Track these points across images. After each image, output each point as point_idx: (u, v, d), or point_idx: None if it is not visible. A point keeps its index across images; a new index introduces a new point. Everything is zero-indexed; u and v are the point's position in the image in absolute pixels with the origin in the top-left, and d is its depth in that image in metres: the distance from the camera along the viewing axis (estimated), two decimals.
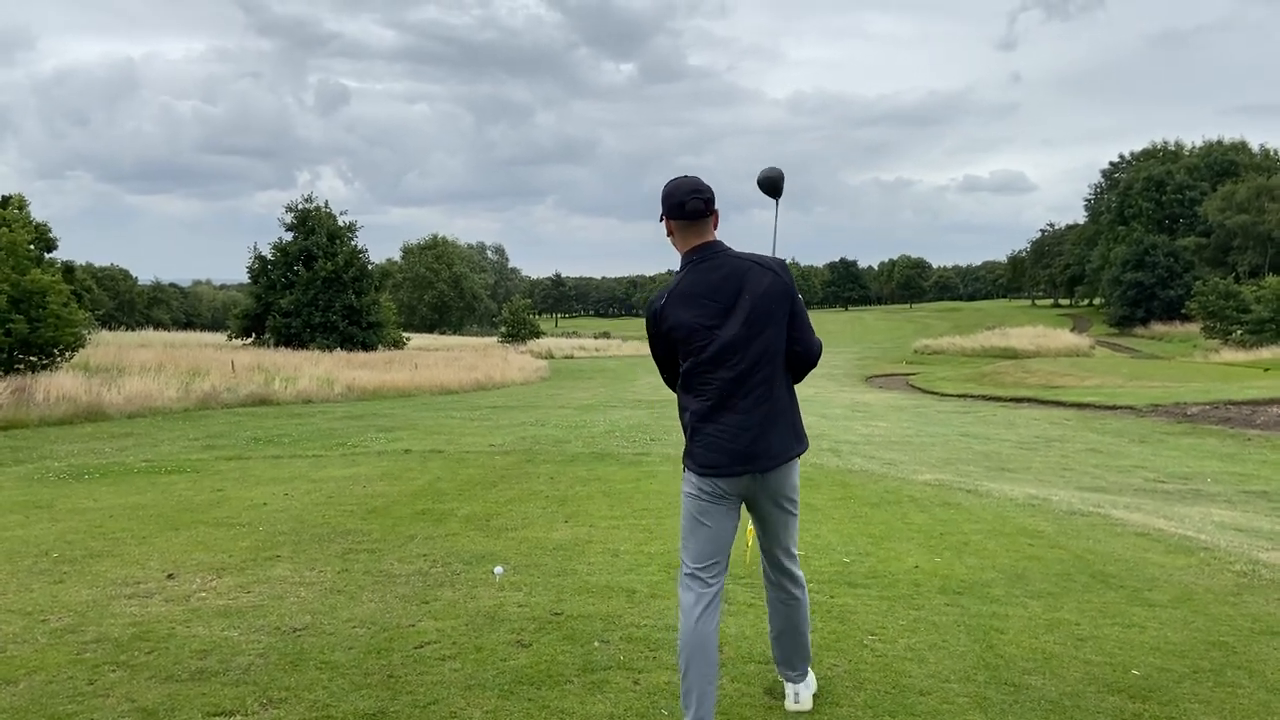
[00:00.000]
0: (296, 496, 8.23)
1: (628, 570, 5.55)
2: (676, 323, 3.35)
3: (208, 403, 20.78)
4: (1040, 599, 4.99)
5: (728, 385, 3.32)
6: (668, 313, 3.37)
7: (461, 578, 5.42)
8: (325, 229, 45.98)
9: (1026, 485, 9.35)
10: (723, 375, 3.32)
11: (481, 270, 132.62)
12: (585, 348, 64.56)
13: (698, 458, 3.37)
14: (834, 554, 5.94)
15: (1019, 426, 16.95)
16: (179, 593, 5.20)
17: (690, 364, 3.36)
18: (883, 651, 4.17)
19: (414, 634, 4.44)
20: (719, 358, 3.31)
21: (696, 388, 3.37)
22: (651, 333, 3.46)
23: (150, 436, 14.80)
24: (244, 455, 11.74)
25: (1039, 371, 32.12)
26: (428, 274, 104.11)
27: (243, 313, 47.02)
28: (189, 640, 4.38)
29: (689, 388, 3.40)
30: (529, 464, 10.28)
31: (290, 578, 5.48)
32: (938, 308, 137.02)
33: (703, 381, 3.35)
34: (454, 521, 7.04)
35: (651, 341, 3.49)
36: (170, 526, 7.00)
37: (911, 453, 12.44)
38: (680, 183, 3.40)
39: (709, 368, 3.33)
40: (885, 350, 61.10)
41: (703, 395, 3.36)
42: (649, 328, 3.47)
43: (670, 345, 3.42)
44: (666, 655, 4.12)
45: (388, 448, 12.36)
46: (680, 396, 3.47)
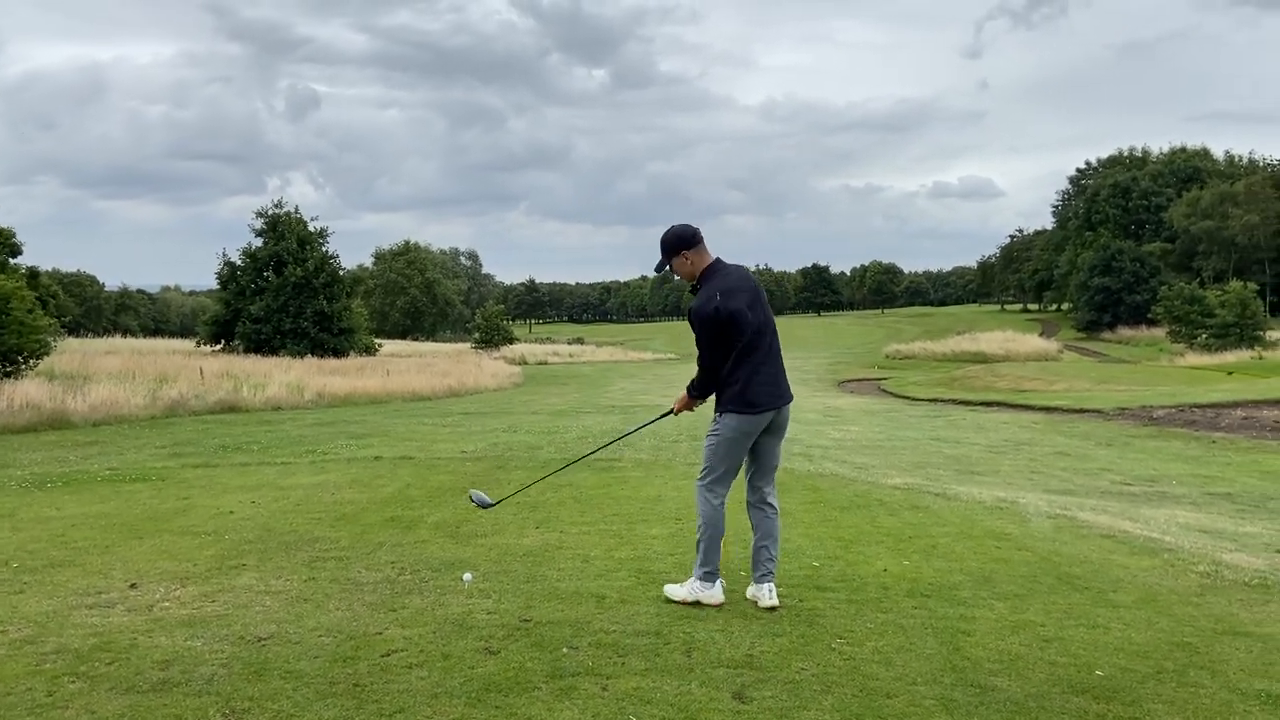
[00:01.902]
0: (264, 504, 8.14)
1: (598, 576, 5.53)
2: (735, 310, 4.74)
3: (175, 410, 20.53)
4: (1007, 601, 5.02)
5: (762, 353, 4.85)
6: (729, 305, 4.73)
7: (430, 585, 5.39)
8: (295, 235, 45.57)
9: (995, 488, 9.43)
10: (760, 345, 4.84)
11: (455, 276, 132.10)
12: (559, 353, 64.45)
13: (756, 401, 4.81)
14: (804, 558, 5.96)
15: (988, 430, 17.09)
16: (142, 602, 5.12)
17: (747, 342, 4.78)
18: (851, 655, 4.18)
19: (381, 642, 4.40)
20: (758, 333, 4.83)
21: (744, 359, 4.80)
22: (715, 322, 4.73)
23: (115, 444, 14.59)
24: (211, 463, 11.61)
25: (1008, 376, 32.42)
26: (400, 280, 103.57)
27: (212, 319, 46.47)
28: (151, 651, 4.32)
29: (741, 360, 4.79)
30: (500, 470, 10.23)
31: (255, 586, 5.41)
32: (909, 313, 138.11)
33: (749, 353, 4.80)
34: (423, 528, 6.99)
35: (713, 332, 4.75)
36: (134, 535, 6.90)
37: (882, 456, 12.51)
38: (682, 227, 4.92)
39: (755, 340, 4.81)
40: (857, 355, 61.45)
41: (751, 361, 4.81)
42: (711, 321, 4.73)
43: (728, 329, 4.74)
44: (635, 661, 4.11)
45: (358, 454, 12.26)
46: (727, 367, 4.80)
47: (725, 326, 4.74)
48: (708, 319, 4.76)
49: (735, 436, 4.85)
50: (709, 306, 4.74)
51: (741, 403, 4.80)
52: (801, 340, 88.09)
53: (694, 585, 4.95)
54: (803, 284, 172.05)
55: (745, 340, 4.78)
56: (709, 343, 4.81)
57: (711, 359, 4.83)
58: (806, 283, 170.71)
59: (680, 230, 4.92)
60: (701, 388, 5.01)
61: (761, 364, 4.84)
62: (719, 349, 4.80)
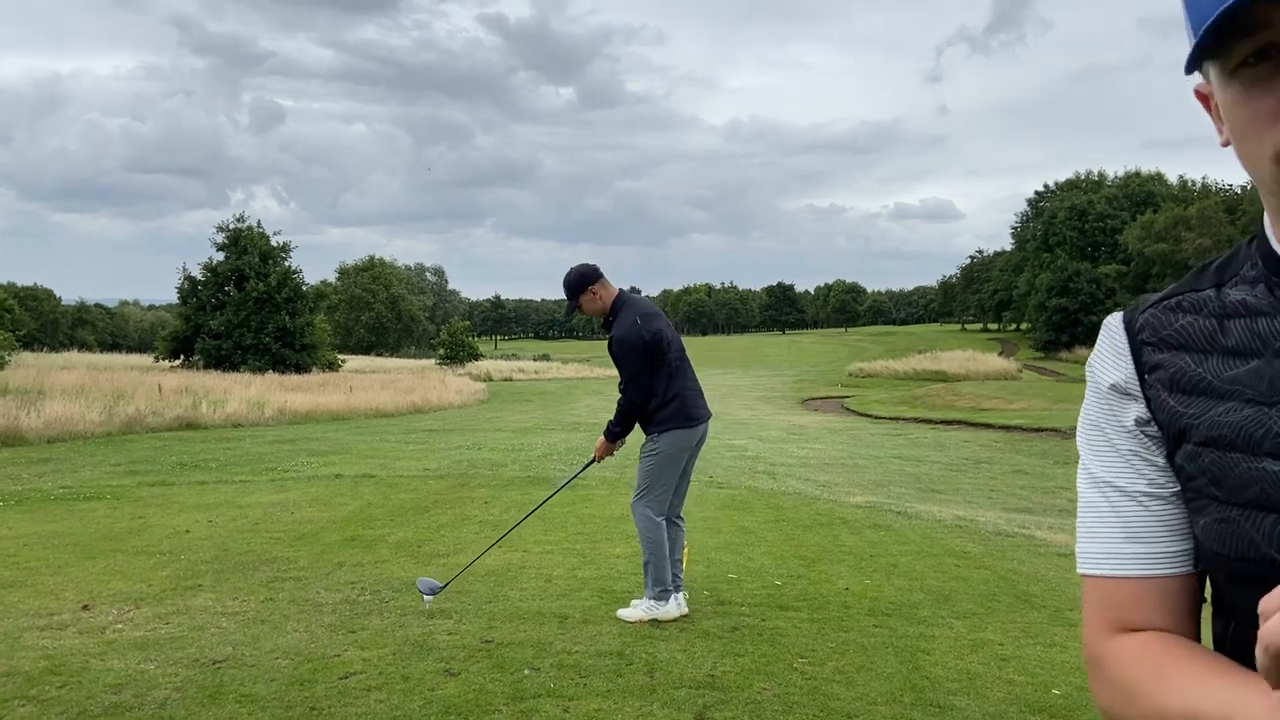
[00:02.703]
0: (221, 524, 8.02)
1: (560, 596, 5.51)
2: (658, 330, 4.99)
3: (132, 427, 20.17)
4: (966, 619, 5.07)
5: (688, 369, 5.14)
6: (652, 328, 4.98)
7: (390, 605, 5.33)
8: (258, 249, 45.10)
9: (955, 507, 9.52)
10: (685, 362, 5.12)
11: (420, 292, 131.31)
12: (525, 370, 64.11)
13: (690, 416, 5.04)
14: (767, 576, 5.98)
15: (949, 449, 17.27)
16: (94, 624, 5.02)
17: (669, 361, 5.00)
18: (812, 674, 4.20)
19: (339, 664, 4.35)
20: (679, 353, 5.09)
21: (676, 376, 5.03)
22: (645, 347, 4.93)
23: (70, 462, 14.31)
24: (168, 481, 11.42)
25: (968, 395, 32.79)
26: (365, 295, 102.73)
27: (171, 334, 45.77)
28: (103, 674, 4.24)
29: (673, 376, 5.02)
30: (464, 488, 10.17)
31: (211, 608, 5.33)
32: (872, 332, 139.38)
33: (679, 371, 5.05)
34: (384, 548, 6.93)
35: (642, 356, 4.93)
36: (87, 555, 6.77)
37: (845, 475, 12.59)
38: (583, 266, 5.16)
39: (678, 360, 5.06)
40: (822, 373, 61.83)
41: (682, 377, 5.06)
42: (641, 345, 4.92)
43: (654, 351, 4.95)
44: (597, 682, 4.10)
45: (318, 472, 12.13)
46: (660, 388, 4.98)
47: (652, 349, 4.96)
48: (637, 344, 4.94)
49: (674, 453, 5.03)
50: (634, 332, 4.94)
51: (682, 418, 5.02)
52: (766, 358, 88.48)
53: (648, 605, 5.00)
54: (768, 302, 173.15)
55: (673, 358, 5.03)
56: (639, 368, 4.96)
57: (641, 386, 4.99)
58: (771, 301, 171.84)
59: (582, 269, 5.15)
60: (626, 424, 5.12)
61: (690, 380, 5.14)
62: (648, 373, 4.98)
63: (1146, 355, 0.94)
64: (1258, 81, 0.80)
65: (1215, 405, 0.88)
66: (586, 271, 5.15)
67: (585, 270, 5.15)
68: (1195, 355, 0.91)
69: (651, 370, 4.98)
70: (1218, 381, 0.88)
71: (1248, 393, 0.86)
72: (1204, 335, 0.91)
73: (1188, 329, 0.92)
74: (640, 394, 5.01)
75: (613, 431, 5.15)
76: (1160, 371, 0.93)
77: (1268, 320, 0.87)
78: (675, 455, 5.03)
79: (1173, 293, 0.97)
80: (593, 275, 5.14)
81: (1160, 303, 0.97)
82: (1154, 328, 0.95)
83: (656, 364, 4.98)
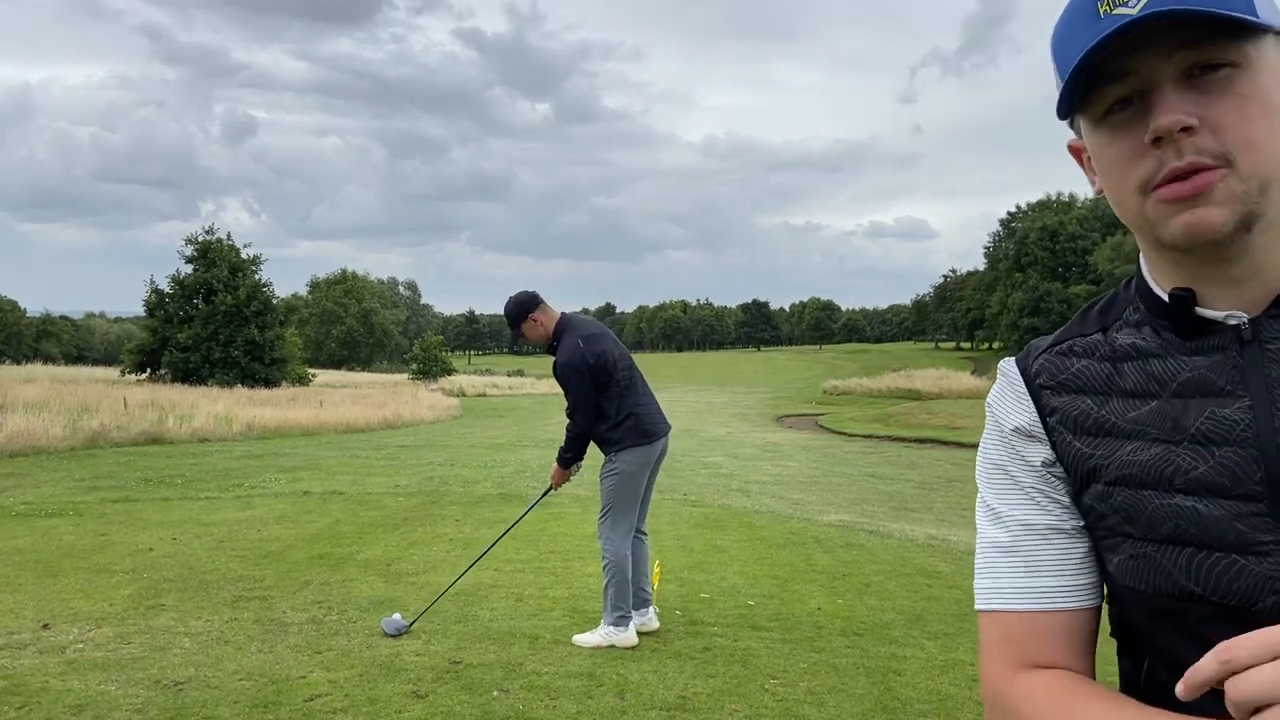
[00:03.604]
0: (185, 541, 7.89)
1: (531, 615, 5.46)
2: (601, 352, 4.90)
3: (96, 441, 19.85)
4: (937, 640, 5.07)
5: (640, 385, 5.05)
6: (595, 349, 4.88)
7: (358, 625, 5.25)
8: (227, 262, 44.71)
9: (927, 525, 9.55)
10: (635, 379, 5.02)
11: (393, 306, 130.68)
12: (499, 385, 63.85)
13: (647, 431, 4.95)
14: (739, 596, 5.95)
15: (921, 467, 17.35)
16: (54, 644, 4.91)
17: (619, 379, 4.92)
18: (784, 696, 4.17)
19: (304, 686, 4.27)
20: (629, 369, 5.00)
21: (627, 394, 4.94)
22: (590, 371, 4.85)
23: (32, 477, 14.05)
24: (131, 497, 11.23)
25: (941, 413, 33.01)
26: (336, 309, 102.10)
27: (137, 347, 45.19)
28: (63, 694, 4.14)
29: (624, 395, 4.93)
30: (435, 505, 10.08)
31: (174, 627, 5.23)
32: (846, 349, 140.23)
33: (629, 388, 4.96)
34: (352, 566, 6.83)
35: (587, 379, 4.85)
36: (48, 573, 6.63)
37: (819, 493, 12.61)
38: (520, 294, 5.12)
39: (627, 378, 4.96)
40: (797, 390, 62.05)
41: (634, 394, 4.97)
42: (586, 369, 4.84)
43: (600, 373, 4.86)
44: (567, 704, 4.05)
45: (287, 489, 11.98)
46: (612, 409, 4.90)
47: (598, 371, 4.89)
48: (581, 368, 4.87)
49: (635, 470, 4.96)
50: (577, 356, 4.87)
51: (639, 434, 4.95)
52: (741, 375, 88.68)
53: (606, 631, 4.89)
54: (743, 319, 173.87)
55: (620, 377, 4.95)
56: (586, 392, 4.90)
57: (588, 410, 4.92)
58: (746, 318, 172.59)
59: (519, 298, 5.11)
60: (577, 449, 5.06)
61: (643, 395, 5.06)
62: (594, 396, 4.91)
63: (1046, 399, 0.97)
64: (1122, 125, 0.86)
65: (1122, 445, 0.90)
66: (524, 300, 5.09)
67: (523, 299, 5.09)
68: (1095, 398, 0.94)
69: (599, 392, 4.92)
70: (1122, 422, 0.91)
71: (1153, 432, 0.89)
72: (1101, 378, 0.94)
73: (1084, 373, 0.96)
74: (587, 418, 4.94)
75: (564, 458, 5.09)
76: (1061, 414, 0.95)
77: (1159, 361, 0.91)
78: (635, 473, 4.96)
79: (1061, 338, 1.01)
80: (531, 303, 5.07)
81: (1052, 348, 1.00)
82: (1050, 372, 0.98)
83: (604, 385, 4.91)
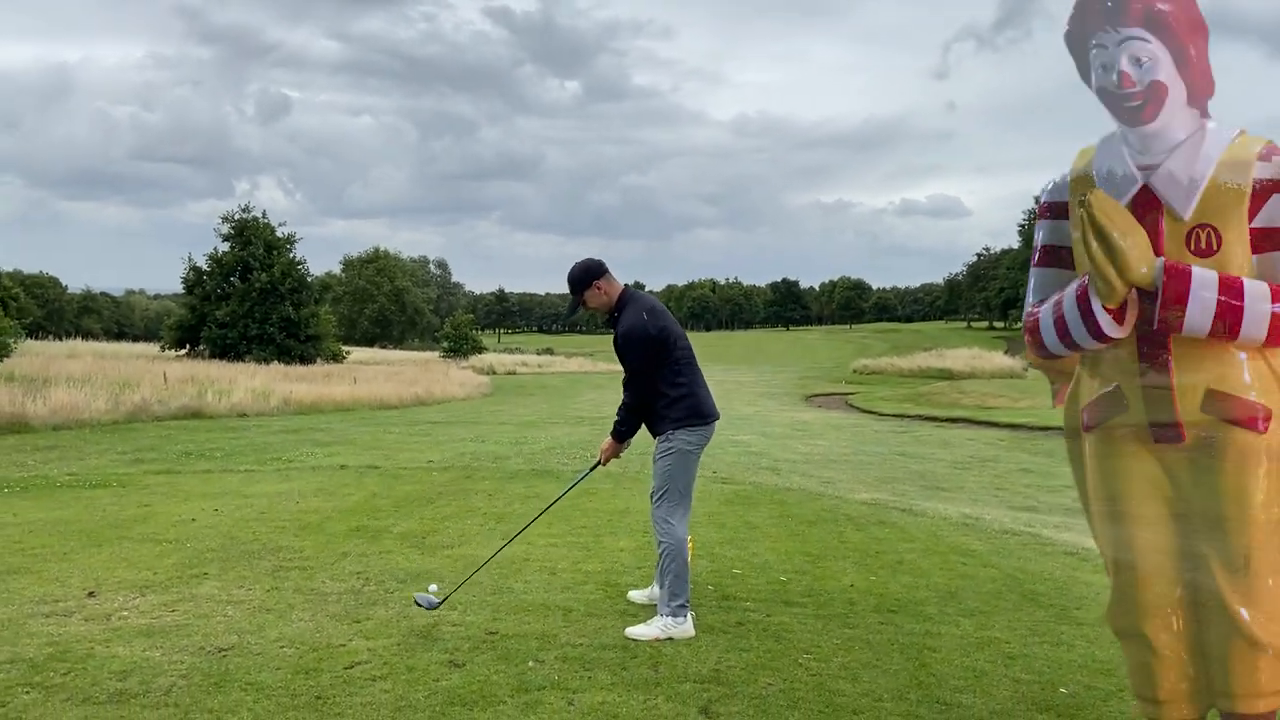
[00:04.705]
0: (226, 512, 8.03)
1: (564, 589, 5.51)
2: (665, 326, 4.85)
3: (138, 415, 20.20)
4: (972, 617, 5.06)
5: (696, 366, 5.00)
6: (662, 325, 4.84)
7: (395, 596, 5.33)
8: (263, 240, 45.15)
9: (960, 504, 9.50)
10: (694, 359, 5.00)
11: (424, 284, 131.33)
12: (528, 364, 64.12)
13: (704, 412, 4.89)
14: (771, 572, 5.97)
15: (954, 446, 17.24)
16: (99, 611, 5.03)
17: (679, 357, 4.86)
18: (818, 670, 4.19)
19: (344, 653, 4.35)
20: (687, 350, 4.94)
21: (685, 372, 4.88)
22: (652, 342, 4.78)
23: (76, 449, 14.34)
24: (173, 469, 11.44)
25: (974, 393, 32.71)
26: (369, 287, 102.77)
27: (176, 323, 45.82)
28: (108, 660, 4.24)
29: (681, 372, 4.86)
30: (467, 480, 10.17)
31: (217, 596, 5.33)
32: (877, 329, 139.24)
33: (688, 365, 4.91)
34: (389, 539, 6.93)
35: (650, 352, 4.79)
36: (93, 543, 6.78)
37: (849, 471, 12.57)
38: (588, 260, 5.01)
39: (686, 356, 4.91)
40: (826, 370, 61.78)
41: (692, 373, 4.92)
42: (649, 340, 4.77)
43: (662, 347, 4.80)
44: (602, 674, 4.09)
45: (323, 463, 12.14)
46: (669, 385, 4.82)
47: (659, 345, 4.81)
48: (645, 338, 4.79)
49: (692, 449, 4.86)
50: (640, 327, 4.79)
51: (695, 414, 4.85)
52: (771, 354, 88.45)
53: (665, 623, 4.65)
54: (772, 298, 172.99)
55: (680, 354, 4.87)
56: (646, 365, 4.82)
57: (645, 385, 4.85)
58: (776, 297, 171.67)
59: (587, 263, 5.00)
60: (631, 422, 4.96)
61: (699, 376, 4.98)
62: (654, 371, 4.83)
63: None
64: None
65: None
66: (592, 266, 4.98)
67: (590, 264, 4.98)
68: None
69: (657, 367, 4.83)
70: None
71: None
72: None
73: None
74: (644, 390, 4.85)
75: (619, 431, 4.98)
76: None
77: None
78: (692, 453, 4.85)
79: None
80: (598, 270, 4.97)
81: None
82: None
83: (662, 360, 4.82)
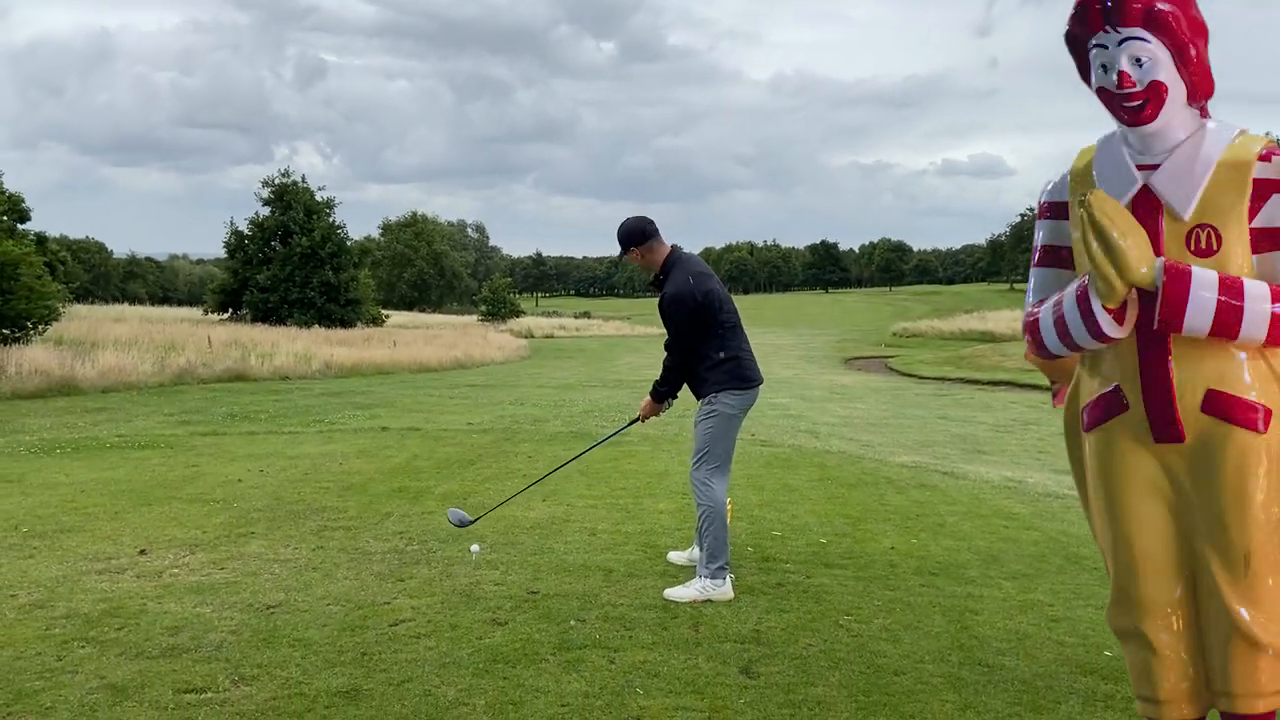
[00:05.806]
0: (272, 473, 8.17)
1: (605, 549, 5.54)
2: (710, 290, 4.81)
3: (183, 378, 20.57)
4: (1015, 580, 5.02)
5: (742, 331, 4.97)
6: (705, 286, 4.80)
7: (437, 556, 5.40)
8: (303, 204, 45.45)
9: (1002, 468, 9.41)
10: (739, 323, 4.95)
11: (462, 248, 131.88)
12: (566, 327, 64.27)
13: (748, 377, 4.88)
14: (811, 534, 5.96)
15: (995, 409, 17.06)
16: (151, 569, 5.14)
17: (724, 320, 4.83)
18: (858, 631, 4.18)
19: (389, 611, 4.41)
20: (732, 313, 4.91)
21: (730, 336, 4.85)
22: (696, 305, 4.75)
23: (124, 411, 14.64)
24: (219, 431, 11.65)
25: (1016, 355, 32.30)
26: (407, 251, 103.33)
27: (219, 288, 46.43)
28: (160, 616, 4.34)
29: (726, 336, 4.83)
30: (507, 442, 10.25)
31: (264, 554, 5.43)
32: (917, 291, 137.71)
33: (733, 329, 4.88)
34: (431, 499, 7.00)
35: (694, 315, 4.76)
36: (143, 502, 6.93)
37: (889, 435, 12.50)
38: (639, 219, 4.99)
39: (732, 320, 4.88)
40: (865, 333, 61.33)
41: (737, 337, 4.89)
42: (693, 302, 4.74)
43: (706, 311, 4.77)
44: (643, 634, 4.12)
45: (365, 425, 12.29)
46: (713, 348, 4.80)
47: (704, 308, 4.79)
48: (688, 301, 4.78)
49: (735, 413, 4.86)
50: (686, 290, 4.78)
51: (738, 378, 4.85)
52: (809, 317, 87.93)
53: (704, 585, 4.65)
54: (810, 260, 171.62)
55: (725, 318, 4.85)
56: (689, 328, 4.81)
57: (687, 347, 4.85)
58: (814, 259, 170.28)
59: (638, 222, 5.00)
60: (672, 385, 4.98)
61: (744, 340, 4.97)
62: (697, 334, 4.82)
63: None
64: None
65: None
66: (642, 224, 4.99)
67: (641, 223, 5.00)
68: None
69: (700, 330, 4.82)
70: None
71: None
72: None
73: None
74: (686, 353, 4.86)
75: (659, 391, 5.03)
76: None
77: None
78: (735, 416, 4.84)
79: None
80: (649, 229, 4.98)
81: None
82: None
83: (707, 324, 4.80)
